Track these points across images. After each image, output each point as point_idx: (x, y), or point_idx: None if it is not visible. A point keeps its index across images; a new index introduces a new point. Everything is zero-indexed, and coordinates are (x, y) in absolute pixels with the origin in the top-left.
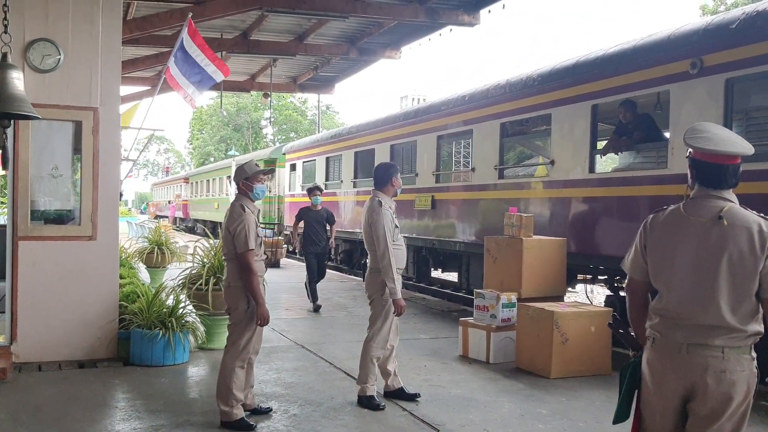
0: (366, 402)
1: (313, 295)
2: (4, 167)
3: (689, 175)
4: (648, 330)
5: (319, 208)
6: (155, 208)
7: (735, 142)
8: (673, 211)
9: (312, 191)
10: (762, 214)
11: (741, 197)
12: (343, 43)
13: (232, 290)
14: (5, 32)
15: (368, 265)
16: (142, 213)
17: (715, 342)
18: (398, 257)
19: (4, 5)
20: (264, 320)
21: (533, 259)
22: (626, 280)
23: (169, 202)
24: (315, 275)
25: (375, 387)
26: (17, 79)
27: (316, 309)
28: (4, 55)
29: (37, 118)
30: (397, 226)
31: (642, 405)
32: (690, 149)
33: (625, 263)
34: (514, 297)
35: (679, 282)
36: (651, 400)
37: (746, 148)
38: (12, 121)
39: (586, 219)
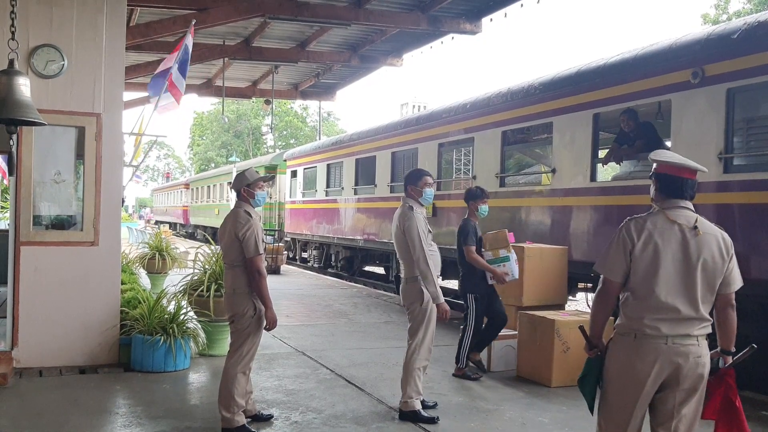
0: (412, 416)
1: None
2: (11, 173)
3: (653, 188)
4: (626, 326)
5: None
6: (156, 213)
7: (692, 162)
8: (655, 218)
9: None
10: (717, 225)
11: (741, 206)
12: (344, 51)
13: (238, 297)
14: (12, 39)
15: (402, 275)
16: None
17: (694, 332)
18: (435, 262)
19: (12, 12)
20: (273, 324)
21: (534, 268)
22: (601, 283)
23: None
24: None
25: (420, 400)
26: (24, 86)
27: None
28: (11, 62)
29: (43, 124)
30: (430, 231)
31: (610, 397)
32: (654, 164)
33: (604, 267)
34: (509, 253)
35: (666, 281)
36: (628, 391)
37: (701, 168)
38: (17, 127)
39: (587, 227)
